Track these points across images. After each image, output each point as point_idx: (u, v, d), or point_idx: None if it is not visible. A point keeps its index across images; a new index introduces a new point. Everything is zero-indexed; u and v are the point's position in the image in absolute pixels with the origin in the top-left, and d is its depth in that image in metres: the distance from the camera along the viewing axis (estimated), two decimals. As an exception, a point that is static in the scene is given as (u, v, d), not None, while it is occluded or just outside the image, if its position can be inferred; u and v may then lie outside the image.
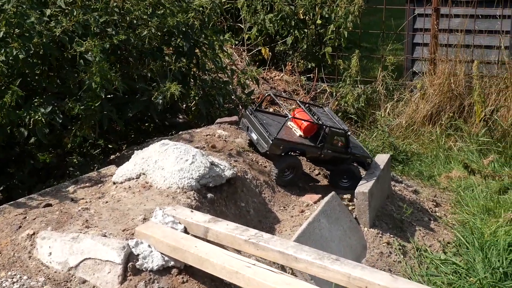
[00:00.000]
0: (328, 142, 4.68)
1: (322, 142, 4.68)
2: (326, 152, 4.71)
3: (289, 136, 4.68)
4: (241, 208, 4.25)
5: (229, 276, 3.21)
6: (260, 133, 4.65)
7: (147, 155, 4.14)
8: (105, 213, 3.69)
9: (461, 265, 4.33)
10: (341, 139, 4.73)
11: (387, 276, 3.12)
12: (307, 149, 4.70)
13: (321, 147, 4.68)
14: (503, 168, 6.20)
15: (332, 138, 4.68)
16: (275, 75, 8.03)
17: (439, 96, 7.11)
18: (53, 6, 4.75)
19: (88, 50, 4.53)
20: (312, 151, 4.71)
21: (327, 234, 4.23)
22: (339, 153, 4.76)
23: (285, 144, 4.60)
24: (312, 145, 4.70)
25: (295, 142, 4.65)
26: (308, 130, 4.71)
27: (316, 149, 4.70)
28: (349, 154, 4.79)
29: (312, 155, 4.78)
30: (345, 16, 7.83)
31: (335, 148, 4.73)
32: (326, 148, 4.69)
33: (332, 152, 4.73)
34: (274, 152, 4.62)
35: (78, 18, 4.62)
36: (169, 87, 4.92)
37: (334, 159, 4.79)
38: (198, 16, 5.59)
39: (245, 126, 4.82)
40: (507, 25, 7.48)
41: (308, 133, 4.72)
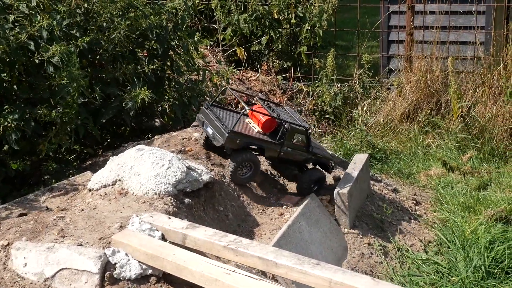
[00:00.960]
0: (288, 139, 4.49)
1: (281, 139, 4.49)
2: (286, 150, 4.51)
3: (247, 131, 4.49)
4: (220, 212, 4.20)
5: (208, 284, 3.16)
6: (215, 127, 4.43)
7: (123, 161, 4.07)
8: (81, 221, 3.61)
9: (443, 265, 4.32)
10: (302, 137, 4.55)
11: (369, 280, 3.08)
12: (266, 145, 4.49)
13: (280, 143, 4.48)
14: (482, 165, 6.22)
15: (292, 135, 4.49)
16: (251, 75, 7.98)
17: (416, 93, 7.11)
18: (16, 12, 4.65)
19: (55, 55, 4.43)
20: (271, 147, 4.50)
21: (307, 236, 4.19)
22: (299, 151, 4.58)
23: (242, 138, 4.39)
24: (271, 141, 4.49)
25: (253, 137, 4.46)
26: (267, 126, 4.50)
27: (275, 146, 4.49)
28: (310, 154, 4.62)
29: (271, 153, 4.55)
30: (320, 15, 7.81)
31: (295, 146, 4.54)
32: (285, 145, 4.50)
33: (292, 150, 4.53)
34: (230, 146, 4.42)
35: (42, 23, 4.53)
36: (139, 92, 4.84)
37: (295, 158, 4.61)
38: (171, 18, 5.51)
39: (201, 121, 4.59)
40: (482, 21, 7.50)
41: (267, 129, 4.51)
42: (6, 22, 4.47)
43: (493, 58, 7.02)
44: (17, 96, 4.61)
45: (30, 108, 4.48)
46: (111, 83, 5.07)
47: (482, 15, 7.50)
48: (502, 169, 6.15)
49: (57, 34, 4.69)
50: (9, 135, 4.25)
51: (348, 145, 6.61)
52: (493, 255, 4.35)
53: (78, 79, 4.39)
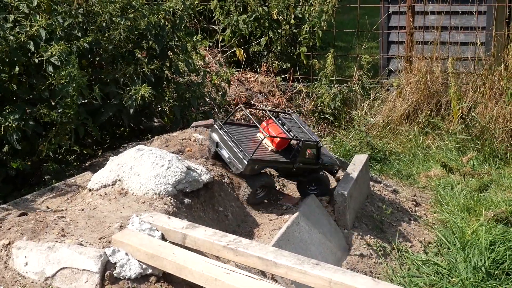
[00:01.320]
0: (301, 155, 4.49)
1: (294, 157, 4.48)
2: (298, 166, 4.50)
3: (263, 154, 4.45)
4: (219, 212, 4.19)
5: (208, 283, 3.15)
6: (233, 152, 4.31)
7: (123, 161, 4.07)
8: (81, 221, 3.61)
9: (443, 266, 4.31)
10: (313, 151, 4.56)
11: (369, 280, 3.07)
12: (280, 165, 4.50)
13: (293, 161, 4.47)
14: (482, 166, 6.21)
15: (305, 151, 4.50)
16: (250, 76, 7.97)
17: (416, 94, 7.10)
18: (17, 12, 4.65)
19: (54, 55, 4.43)
20: (285, 166, 4.51)
21: (307, 237, 4.18)
22: (310, 165, 4.59)
23: (259, 164, 4.34)
24: (285, 161, 4.48)
25: (269, 161, 4.42)
26: (281, 145, 4.49)
27: (289, 164, 4.49)
28: (319, 165, 4.62)
29: (284, 171, 4.62)
30: (319, 16, 7.80)
31: (306, 160, 4.54)
32: (298, 161, 4.49)
33: (303, 165, 4.54)
34: (249, 173, 4.36)
35: (41, 23, 4.52)
36: (139, 89, 4.84)
37: (305, 171, 4.62)
38: (169, 17, 5.51)
39: (214, 142, 4.47)
40: (483, 21, 7.49)
41: (280, 147, 4.50)
42: (6, 22, 4.47)
43: (494, 58, 6.99)
44: (17, 96, 4.61)
45: (30, 108, 4.48)
46: (111, 83, 5.07)
47: (483, 15, 7.49)
48: (502, 170, 6.13)
49: (58, 34, 4.68)
50: (10, 135, 4.25)
51: (347, 146, 6.60)
52: (494, 256, 4.34)
53: (77, 79, 4.39)
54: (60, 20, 4.73)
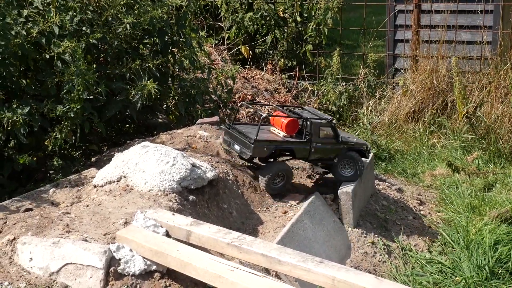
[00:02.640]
0: (315, 134, 4.49)
1: (308, 136, 4.49)
2: (316, 146, 4.50)
3: (273, 138, 4.51)
4: (224, 209, 4.20)
5: (212, 280, 3.16)
6: (241, 142, 4.46)
7: (128, 158, 4.08)
8: (86, 217, 3.62)
9: (446, 264, 4.31)
10: (328, 130, 4.54)
11: (372, 278, 3.08)
12: (294, 146, 4.48)
13: (308, 141, 4.48)
14: (487, 165, 6.20)
15: (317, 129, 4.48)
16: (256, 74, 7.98)
17: (422, 93, 7.10)
18: (30, 7, 4.67)
19: (65, 51, 4.45)
20: (300, 147, 4.49)
21: (311, 235, 4.19)
22: (330, 145, 4.56)
23: (268, 145, 4.40)
24: (298, 141, 4.49)
25: (279, 141, 4.47)
26: (290, 127, 4.51)
27: (303, 145, 4.48)
28: (342, 144, 4.58)
29: (301, 153, 4.54)
30: (325, 13, 7.79)
31: (323, 140, 4.53)
32: (314, 141, 4.49)
33: (322, 145, 4.52)
34: (259, 155, 4.46)
35: (54, 19, 4.54)
36: (145, 84, 4.85)
37: (327, 152, 4.58)
38: (172, 12, 5.50)
39: (227, 142, 4.62)
40: (489, 20, 7.46)
41: (291, 131, 4.52)
42: (19, 17, 4.49)
43: (500, 58, 6.98)
44: (24, 91, 4.63)
45: (37, 103, 4.49)
46: (117, 79, 5.08)
47: (490, 14, 7.46)
48: (507, 169, 6.12)
49: (68, 30, 4.70)
50: (18, 130, 4.26)
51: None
52: (498, 256, 4.34)
53: (85, 73, 4.40)
54: (69, 17, 4.74)
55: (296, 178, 4.93)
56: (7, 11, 4.38)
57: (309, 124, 4.49)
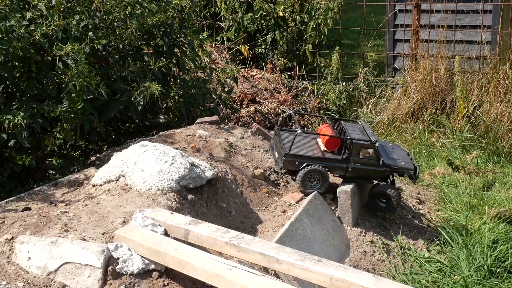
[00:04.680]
0: (354, 155, 4.46)
1: (346, 155, 4.47)
2: (353, 166, 4.48)
3: (309, 151, 4.51)
4: (223, 209, 4.21)
5: (210, 279, 3.17)
6: (278, 151, 4.53)
7: (126, 157, 4.09)
8: (84, 216, 3.63)
9: (445, 263, 4.31)
10: (370, 151, 4.50)
11: (370, 277, 3.09)
12: (328, 163, 4.48)
13: (346, 160, 4.47)
14: (487, 164, 6.21)
15: (357, 150, 4.45)
16: (256, 73, 7.98)
17: (421, 93, 7.10)
18: (34, 10, 4.68)
19: (68, 54, 4.47)
20: (335, 165, 4.49)
21: (310, 234, 4.19)
22: (371, 166, 4.51)
23: (299, 160, 4.42)
24: (335, 159, 4.48)
25: (312, 157, 4.46)
26: (330, 144, 4.51)
27: (340, 163, 4.48)
28: (384, 167, 4.52)
29: (337, 171, 4.54)
30: (325, 13, 7.80)
31: (363, 161, 4.48)
32: (352, 161, 4.46)
33: (361, 166, 4.48)
34: (289, 168, 4.50)
35: (58, 23, 4.55)
36: (148, 86, 4.86)
37: (366, 173, 4.54)
38: (177, 15, 5.52)
39: (272, 147, 4.74)
40: (488, 19, 7.47)
41: (331, 147, 4.51)
42: (22, 19, 4.50)
43: (499, 57, 6.99)
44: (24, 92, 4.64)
45: (38, 104, 4.50)
46: (118, 80, 5.09)
47: (489, 14, 7.48)
48: (506, 168, 6.14)
49: (74, 33, 4.71)
50: (19, 133, 4.27)
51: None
52: (496, 254, 4.34)
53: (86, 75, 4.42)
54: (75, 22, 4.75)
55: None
56: (11, 15, 4.39)
57: (350, 143, 4.49)
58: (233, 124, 6.66)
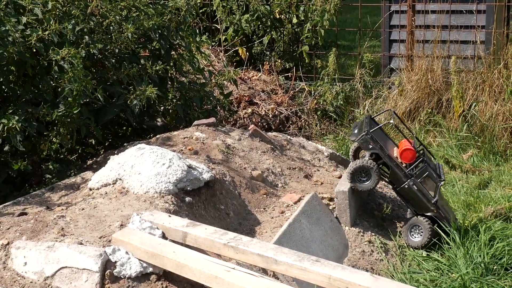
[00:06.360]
0: (418, 176, 4.48)
1: (411, 171, 4.49)
2: (411, 186, 4.48)
3: (385, 145, 4.54)
4: (221, 210, 4.21)
5: (208, 281, 3.17)
6: (360, 128, 4.56)
7: (123, 160, 4.09)
8: (81, 220, 3.63)
9: (443, 261, 4.32)
10: (432, 185, 4.53)
11: (368, 276, 3.10)
12: (393, 165, 4.49)
13: (408, 175, 4.48)
14: (483, 163, 6.24)
15: (424, 175, 4.50)
16: (253, 75, 8.00)
17: (417, 92, 7.13)
18: (29, 14, 4.69)
19: (64, 58, 4.47)
20: (397, 172, 4.50)
21: (308, 234, 4.20)
22: (424, 196, 4.50)
23: (375, 145, 4.45)
24: (400, 166, 4.50)
25: (385, 151, 4.48)
26: (405, 155, 4.50)
27: (402, 174, 4.49)
28: (433, 206, 4.51)
29: (395, 178, 4.55)
30: (321, 15, 7.82)
31: (421, 188, 4.49)
32: (413, 181, 4.47)
33: (417, 190, 4.48)
34: (361, 146, 4.50)
35: (54, 27, 4.56)
36: (144, 89, 4.87)
37: (417, 199, 4.53)
38: (174, 18, 5.53)
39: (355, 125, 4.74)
40: (482, 20, 7.51)
41: (405, 158, 4.51)
42: (18, 24, 4.50)
43: (493, 57, 7.03)
44: (19, 96, 4.64)
45: (33, 108, 4.51)
46: (114, 84, 5.10)
47: (483, 14, 7.51)
48: (502, 167, 6.17)
49: (69, 38, 4.72)
50: (14, 137, 4.27)
51: (350, 144, 6.63)
52: (493, 252, 4.35)
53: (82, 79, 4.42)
54: (71, 26, 4.76)
55: (293, 178, 4.95)
56: (6, 19, 4.40)
57: (422, 164, 4.55)
58: (231, 126, 6.68)
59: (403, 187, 4.52)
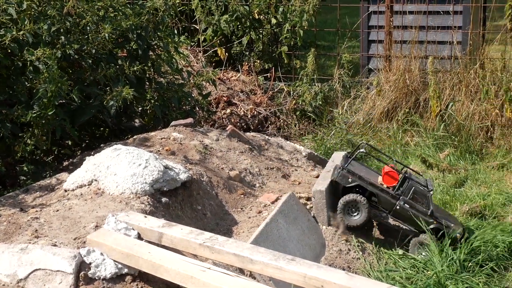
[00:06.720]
0: (406, 194, 4.49)
1: (399, 191, 4.51)
2: (402, 205, 4.48)
3: (366, 176, 4.57)
4: (198, 211, 4.21)
5: (184, 281, 3.17)
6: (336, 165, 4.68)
7: (99, 161, 4.08)
8: (55, 222, 3.61)
9: (418, 259, 4.35)
10: (422, 199, 4.53)
11: (343, 275, 3.11)
12: (379, 192, 4.51)
13: (397, 196, 4.50)
14: (459, 162, 6.28)
15: (411, 190, 4.50)
16: (232, 75, 8.00)
17: (395, 92, 7.16)
18: (4, 14, 4.65)
19: (39, 59, 4.45)
20: (385, 197, 4.52)
21: (285, 234, 4.21)
22: (418, 212, 4.48)
23: (354, 178, 4.50)
24: (386, 190, 4.52)
25: (366, 180, 4.52)
26: (387, 178, 4.55)
27: (390, 197, 4.51)
28: (431, 218, 4.49)
29: (385, 203, 4.55)
30: (300, 15, 7.84)
31: (414, 205, 4.48)
32: (402, 200, 4.48)
33: (409, 208, 4.48)
34: (341, 182, 4.54)
35: (28, 27, 4.53)
36: (121, 90, 4.85)
37: (413, 217, 4.50)
38: (151, 18, 5.52)
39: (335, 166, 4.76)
40: (459, 20, 7.56)
41: (387, 181, 4.55)
42: None
43: (469, 57, 7.09)
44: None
45: (7, 109, 4.47)
46: (91, 84, 5.08)
47: (460, 15, 7.57)
48: (478, 166, 6.23)
49: (45, 38, 4.69)
50: None
51: (328, 144, 6.65)
52: (468, 250, 4.39)
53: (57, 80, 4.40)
54: (46, 26, 4.73)
55: (270, 178, 4.96)
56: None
57: (407, 182, 4.56)
58: (209, 126, 6.67)
59: (395, 209, 4.52)
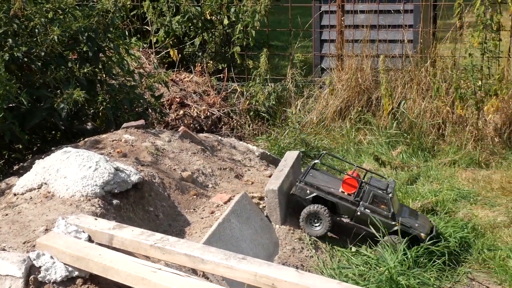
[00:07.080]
0: (365, 200, 4.52)
1: (358, 197, 4.55)
2: (363, 211, 4.52)
3: (326, 186, 4.60)
4: (150, 212, 4.19)
5: (135, 283, 3.15)
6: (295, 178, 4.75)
7: (49, 164, 4.03)
8: (4, 226, 3.56)
9: (371, 256, 4.40)
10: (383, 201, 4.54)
11: (294, 272, 3.12)
12: (339, 200, 4.56)
13: (356, 202, 4.54)
14: (411, 159, 6.37)
15: (370, 196, 4.53)
16: (185, 76, 7.97)
17: (348, 91, 7.23)
18: None
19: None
20: (344, 204, 4.56)
21: (238, 234, 4.21)
22: (380, 215, 4.51)
23: (312, 189, 4.57)
24: (345, 198, 4.56)
25: (325, 191, 4.57)
26: (347, 186, 4.61)
27: (350, 204, 4.55)
28: (392, 219, 4.51)
29: (345, 211, 4.57)
30: (252, 15, 7.86)
31: (374, 209, 4.52)
32: (363, 206, 4.53)
33: (370, 213, 4.51)
34: (300, 196, 4.61)
35: None
36: (72, 93, 4.80)
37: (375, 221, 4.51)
38: (101, 20, 5.47)
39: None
40: (410, 19, 7.67)
41: (347, 189, 4.61)
42: None
43: (420, 55, 7.20)
44: None
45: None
46: (41, 87, 5.01)
47: (410, 13, 7.67)
48: (430, 162, 6.32)
49: None
50: None
51: (282, 143, 6.68)
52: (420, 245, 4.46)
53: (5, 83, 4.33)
54: None
55: (223, 179, 4.96)
56: None
57: (366, 187, 4.60)
58: (163, 127, 6.64)
59: (357, 215, 4.57)
